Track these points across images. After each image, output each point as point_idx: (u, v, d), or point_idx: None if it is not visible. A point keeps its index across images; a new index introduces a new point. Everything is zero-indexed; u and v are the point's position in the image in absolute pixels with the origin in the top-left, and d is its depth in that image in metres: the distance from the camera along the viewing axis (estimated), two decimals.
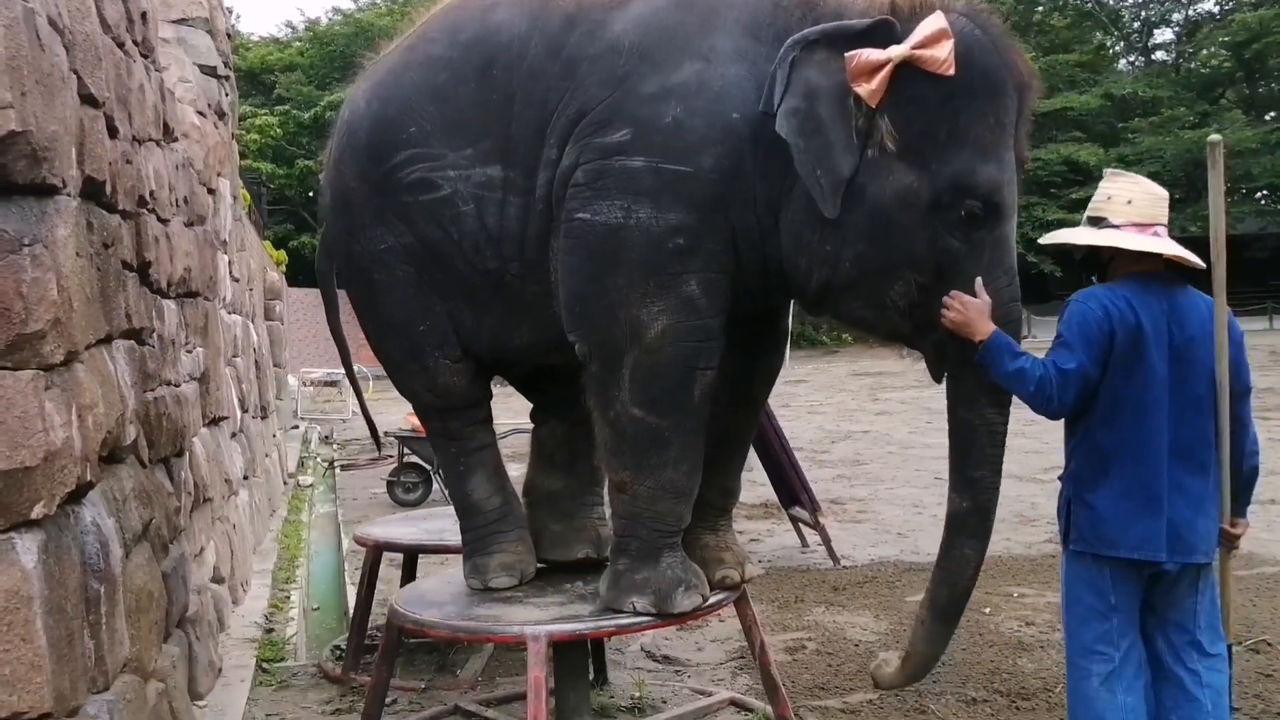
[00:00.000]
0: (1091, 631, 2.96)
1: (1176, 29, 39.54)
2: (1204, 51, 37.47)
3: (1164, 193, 2.95)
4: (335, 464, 12.10)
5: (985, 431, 3.02)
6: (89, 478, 2.52)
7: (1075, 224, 3.15)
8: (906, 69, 2.75)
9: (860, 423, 13.53)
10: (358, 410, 18.82)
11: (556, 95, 2.96)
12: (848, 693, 4.11)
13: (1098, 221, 2.97)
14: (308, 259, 27.56)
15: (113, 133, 3.13)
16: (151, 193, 3.77)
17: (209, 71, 6.86)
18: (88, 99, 2.79)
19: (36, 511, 2.20)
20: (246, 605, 5.54)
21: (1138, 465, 2.88)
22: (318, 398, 20.78)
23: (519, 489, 3.64)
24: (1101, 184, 3.03)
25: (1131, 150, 31.67)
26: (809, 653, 4.57)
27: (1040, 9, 37.54)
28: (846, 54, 2.77)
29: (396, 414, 16.96)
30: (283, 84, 33.16)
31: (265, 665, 4.59)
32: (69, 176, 2.51)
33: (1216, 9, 37.68)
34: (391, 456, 12.63)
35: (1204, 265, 2.86)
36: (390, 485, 9.13)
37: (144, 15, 3.88)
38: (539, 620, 3.06)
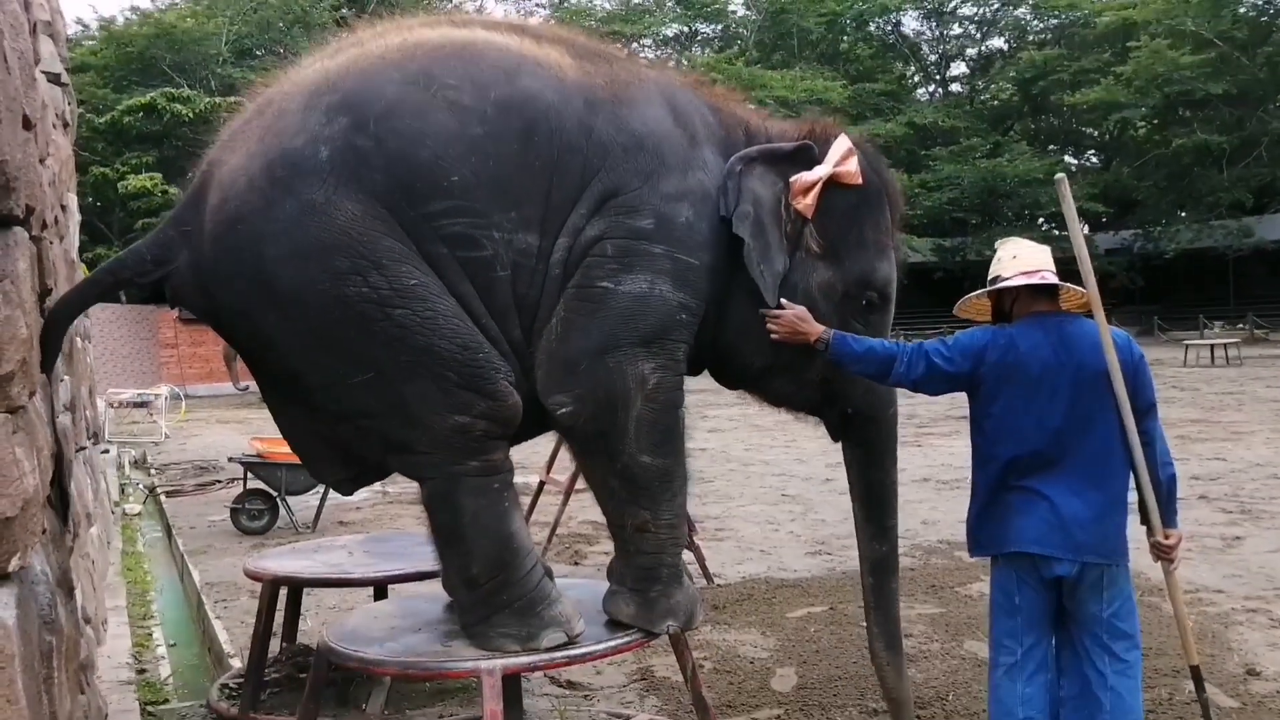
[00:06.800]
0: (1000, 627, 3.30)
1: (970, 63, 42.10)
2: (994, 85, 40.05)
3: (1045, 248, 3.39)
4: (158, 490, 11.49)
5: (890, 487, 3.74)
6: (44, 524, 2.38)
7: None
8: (827, 184, 3.35)
9: (695, 440, 13.67)
10: (170, 433, 17.82)
11: (591, 171, 3.15)
12: (754, 709, 4.23)
13: (994, 280, 3.38)
14: None
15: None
16: (53, 216, 3.57)
17: (53, 79, 6.44)
18: (24, 122, 2.63)
19: (13, 564, 2.08)
20: (110, 645, 5.25)
21: (1013, 478, 3.25)
22: (124, 419, 19.70)
23: None
24: (996, 254, 3.46)
25: (933, 177, 33.42)
26: (708, 672, 4.66)
27: (846, 39, 39.31)
28: (791, 177, 3.35)
29: (216, 438, 16.24)
30: (75, 85, 31.28)
31: (150, 709, 4.37)
32: (26, 206, 2.38)
33: (1006, 46, 40.28)
34: (221, 482, 12.18)
35: (1059, 283, 3.28)
36: (234, 513, 8.73)
37: (34, 25, 3.67)
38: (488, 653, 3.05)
